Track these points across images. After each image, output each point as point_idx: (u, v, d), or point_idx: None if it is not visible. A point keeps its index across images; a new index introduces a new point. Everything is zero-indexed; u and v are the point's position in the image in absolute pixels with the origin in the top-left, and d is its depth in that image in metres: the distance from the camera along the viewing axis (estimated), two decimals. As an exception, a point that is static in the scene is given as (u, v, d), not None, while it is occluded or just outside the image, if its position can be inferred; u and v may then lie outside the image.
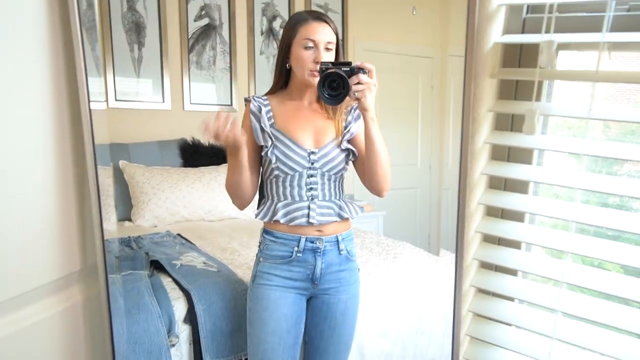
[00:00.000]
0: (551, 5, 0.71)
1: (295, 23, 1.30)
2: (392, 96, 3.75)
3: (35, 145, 0.75)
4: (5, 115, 0.70)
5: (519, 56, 0.83)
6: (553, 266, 0.85)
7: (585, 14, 0.75)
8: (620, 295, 0.81)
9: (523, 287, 0.90)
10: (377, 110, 1.24)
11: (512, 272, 0.93)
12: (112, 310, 0.83)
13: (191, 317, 1.56)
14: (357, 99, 1.19)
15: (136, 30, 2.93)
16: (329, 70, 1.15)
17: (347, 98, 1.18)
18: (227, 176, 1.34)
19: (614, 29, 0.70)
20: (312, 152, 1.32)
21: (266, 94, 1.41)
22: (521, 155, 0.87)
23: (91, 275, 0.83)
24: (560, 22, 0.74)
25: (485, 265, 0.93)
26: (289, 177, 1.33)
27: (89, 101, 0.79)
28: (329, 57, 1.29)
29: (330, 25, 1.30)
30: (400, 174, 3.91)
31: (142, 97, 3.04)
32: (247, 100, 1.37)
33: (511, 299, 0.93)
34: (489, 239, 0.92)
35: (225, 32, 3.23)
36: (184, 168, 2.91)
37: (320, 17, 1.30)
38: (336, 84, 1.15)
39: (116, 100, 2.92)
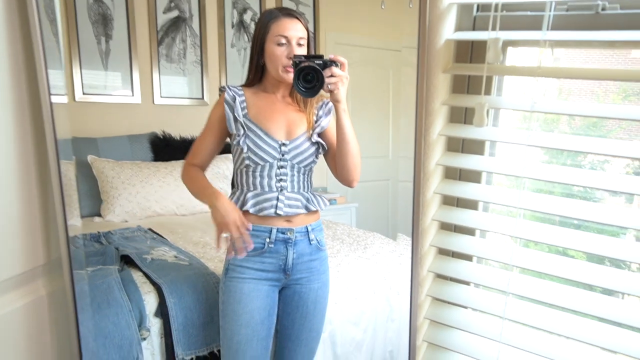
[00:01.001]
0: (497, 5, 0.75)
1: (267, 20, 1.32)
2: (363, 89, 3.79)
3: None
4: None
5: (470, 52, 0.87)
6: (505, 252, 0.90)
7: (529, 13, 0.79)
8: (566, 277, 0.87)
9: (478, 271, 0.94)
10: (349, 102, 1.28)
11: (468, 258, 0.97)
12: (78, 305, 0.84)
13: (162, 311, 1.56)
14: (330, 91, 1.22)
15: (103, 22, 2.88)
16: (304, 64, 1.18)
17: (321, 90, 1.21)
18: (189, 186, 1.42)
19: (555, 27, 0.75)
20: (283, 144, 1.35)
21: (241, 86, 1.43)
22: (474, 147, 0.91)
23: (56, 269, 0.83)
24: (507, 21, 0.78)
25: (443, 252, 0.98)
26: (259, 167, 1.35)
27: (49, 94, 0.79)
28: (301, 52, 1.32)
29: (301, 21, 1.33)
30: (372, 166, 3.97)
31: (111, 91, 2.99)
32: (222, 90, 1.39)
33: (467, 283, 0.97)
34: (445, 226, 0.96)
35: (195, 24, 3.20)
36: (154, 162, 2.89)
37: (290, 13, 1.33)
38: (310, 77, 1.18)
39: (83, 93, 2.87)
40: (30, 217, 0.80)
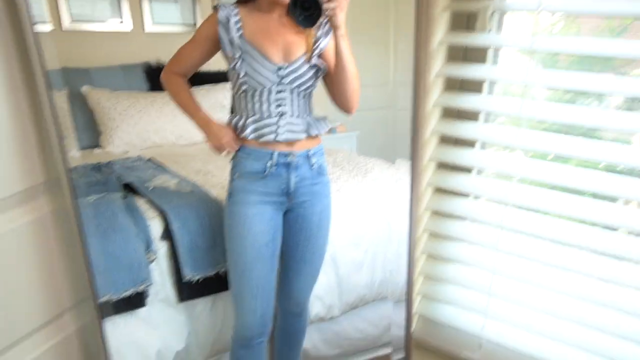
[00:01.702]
0: None
1: None
2: (363, 14, 3.62)
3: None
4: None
5: (476, -49, 0.81)
6: (505, 164, 0.90)
7: None
8: (568, 186, 0.87)
9: (476, 183, 0.95)
10: (348, 28, 1.22)
11: (467, 171, 0.97)
12: (83, 229, 0.86)
13: (168, 235, 1.60)
14: (329, 17, 1.16)
15: (85, -58, 2.69)
16: None
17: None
18: (173, 97, 1.43)
19: None
20: (281, 68, 1.30)
21: (235, 3, 1.35)
22: (476, 56, 0.88)
23: (56, 188, 0.84)
24: None
25: (442, 166, 0.98)
26: (257, 92, 1.31)
27: (31, 23, 0.76)
28: None
29: None
30: (372, 95, 3.88)
31: (100, 18, 2.86)
32: (216, 8, 1.32)
33: (466, 196, 0.98)
34: (445, 140, 0.95)
35: (183, -57, 3.00)
36: (151, 92, 2.83)
37: None
38: (308, 5, 1.12)
39: (72, 21, 2.75)
40: (24, 140, 0.80)
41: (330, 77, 1.35)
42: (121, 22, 2.90)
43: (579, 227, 0.91)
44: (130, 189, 1.86)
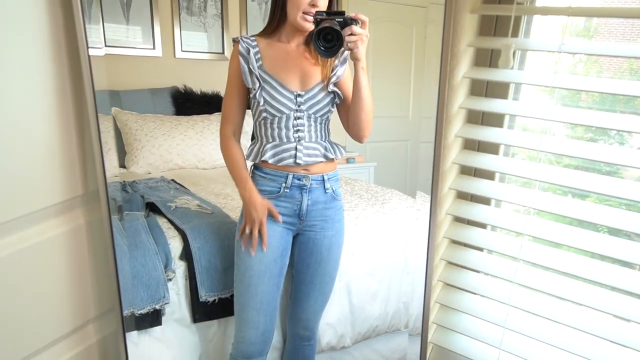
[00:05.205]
0: (529, -60, 0.73)
1: None
2: (385, 47, 3.72)
3: (35, 82, 0.79)
4: (8, 53, 0.74)
5: (499, -7, 0.86)
6: (522, 196, 0.92)
7: (562, -50, 0.77)
8: (585, 220, 0.88)
9: (495, 214, 0.96)
10: (370, 60, 1.28)
11: (486, 202, 0.99)
12: (114, 234, 0.90)
13: (187, 255, 1.63)
14: (350, 49, 1.22)
15: (124, -27, 2.85)
16: (324, 25, 1.18)
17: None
18: (227, 163, 1.44)
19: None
20: (299, 95, 1.36)
21: (255, 35, 1.42)
22: (498, 91, 0.91)
23: (93, 200, 0.89)
24: (539, -42, 0.76)
25: (461, 196, 0.99)
26: (276, 119, 1.37)
27: (87, 47, 0.83)
28: (324, 5, 1.31)
29: None
30: (391, 126, 3.94)
31: (132, 44, 3.00)
32: (236, 41, 1.39)
33: (484, 226, 1.00)
34: (465, 171, 0.97)
35: (215, -23, 3.16)
36: (176, 116, 2.92)
37: None
38: (330, 37, 1.18)
39: (106, 46, 2.88)
40: (69, 152, 0.85)
41: (345, 106, 1.41)
42: (153, 49, 3.03)
43: (596, 263, 0.91)
44: (152, 208, 1.91)
